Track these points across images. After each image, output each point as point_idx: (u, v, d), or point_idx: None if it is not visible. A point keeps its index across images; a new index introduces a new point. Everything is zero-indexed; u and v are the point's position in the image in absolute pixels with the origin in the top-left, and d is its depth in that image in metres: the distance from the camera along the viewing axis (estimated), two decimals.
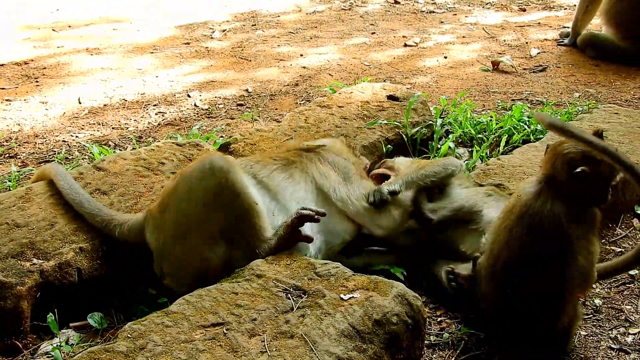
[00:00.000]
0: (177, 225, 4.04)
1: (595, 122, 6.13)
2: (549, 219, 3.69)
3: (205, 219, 4.02)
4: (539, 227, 3.71)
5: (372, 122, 6.03)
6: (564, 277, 3.69)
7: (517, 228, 3.77)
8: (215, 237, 4.03)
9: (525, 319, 3.80)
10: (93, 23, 11.15)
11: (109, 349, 3.29)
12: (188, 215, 4.03)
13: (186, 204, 4.03)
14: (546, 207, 3.72)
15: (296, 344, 3.34)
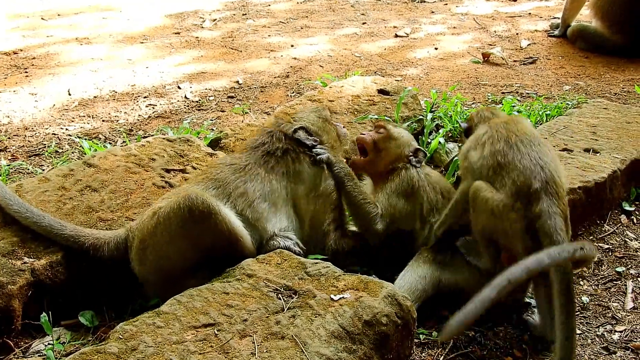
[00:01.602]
0: (159, 264, 4.08)
1: (584, 117, 6.17)
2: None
3: (188, 258, 4.08)
4: None
5: (363, 117, 6.05)
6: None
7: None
8: (199, 267, 4.09)
9: None
10: (82, 11, 11.10)
11: (101, 350, 3.31)
12: (169, 257, 4.06)
13: (167, 247, 4.03)
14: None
15: (287, 345, 3.36)
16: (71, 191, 4.63)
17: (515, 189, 4.04)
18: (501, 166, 4.16)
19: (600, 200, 5.20)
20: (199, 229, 4.00)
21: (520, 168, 4.09)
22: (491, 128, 4.40)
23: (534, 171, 4.07)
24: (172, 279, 4.05)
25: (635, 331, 4.26)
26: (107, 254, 4.19)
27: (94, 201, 4.56)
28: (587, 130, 5.89)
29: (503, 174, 4.13)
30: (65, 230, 4.18)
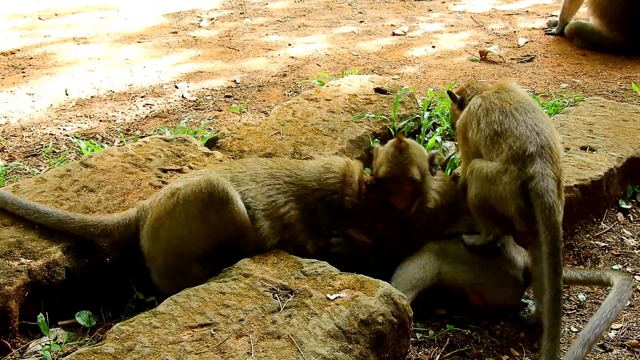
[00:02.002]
0: (171, 245, 4.09)
1: (581, 115, 6.18)
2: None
3: (201, 244, 4.10)
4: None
5: (360, 116, 6.05)
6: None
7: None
8: (207, 257, 4.12)
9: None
10: (80, 11, 11.09)
11: (97, 351, 3.33)
12: (183, 238, 4.07)
13: (182, 228, 4.06)
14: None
15: (283, 344, 3.38)
16: (68, 192, 4.63)
17: (510, 154, 4.12)
18: (498, 134, 4.23)
19: (597, 198, 5.21)
20: (216, 215, 4.04)
21: (516, 134, 4.17)
22: (484, 99, 4.44)
23: (529, 137, 4.15)
24: (179, 262, 4.09)
25: (632, 329, 4.27)
26: (118, 237, 4.25)
27: (91, 201, 4.56)
28: (583, 128, 5.90)
29: (500, 141, 4.20)
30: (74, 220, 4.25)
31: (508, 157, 4.11)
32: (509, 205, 4.11)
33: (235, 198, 4.07)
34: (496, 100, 4.39)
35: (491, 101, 4.40)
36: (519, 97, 4.42)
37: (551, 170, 4.07)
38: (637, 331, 4.25)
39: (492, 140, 4.25)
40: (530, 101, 4.43)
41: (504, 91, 4.46)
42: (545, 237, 3.90)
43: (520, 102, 4.35)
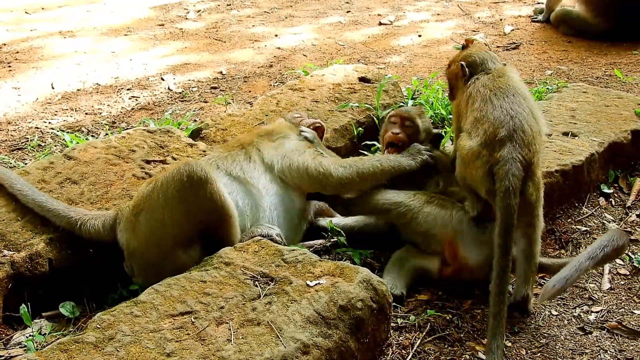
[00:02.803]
0: (151, 231, 4.10)
1: (564, 101, 6.21)
2: None
3: (181, 227, 4.11)
4: None
5: (344, 105, 6.07)
6: None
7: None
8: (190, 242, 4.13)
9: None
10: (66, 5, 11.07)
11: (78, 340, 3.35)
12: (164, 222, 4.08)
13: (162, 211, 4.07)
14: None
15: (262, 331, 3.40)
16: (51, 184, 4.65)
17: (484, 139, 4.24)
18: (477, 120, 4.35)
19: (578, 183, 5.24)
20: (195, 197, 4.05)
21: (491, 119, 4.28)
22: (474, 88, 4.52)
23: (503, 121, 4.25)
24: (162, 248, 4.10)
25: (611, 311, 4.31)
26: (94, 231, 4.27)
27: (74, 193, 4.59)
28: (566, 114, 5.93)
29: (478, 126, 4.32)
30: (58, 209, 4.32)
31: (482, 142, 4.24)
32: (480, 187, 4.26)
33: (214, 179, 4.09)
34: (481, 88, 4.46)
35: (477, 89, 4.48)
36: (503, 82, 4.46)
37: (519, 154, 4.14)
38: (616, 314, 4.29)
39: (472, 126, 4.36)
40: (513, 85, 4.47)
41: (495, 77, 4.52)
42: (499, 217, 4.06)
43: (501, 87, 4.41)
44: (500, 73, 4.57)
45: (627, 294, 4.48)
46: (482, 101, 4.38)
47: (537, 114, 4.44)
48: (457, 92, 4.79)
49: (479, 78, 4.56)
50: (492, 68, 4.64)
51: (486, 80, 4.50)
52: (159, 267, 4.08)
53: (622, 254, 4.47)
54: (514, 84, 4.50)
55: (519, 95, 4.41)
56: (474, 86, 4.53)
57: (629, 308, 4.35)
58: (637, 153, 5.77)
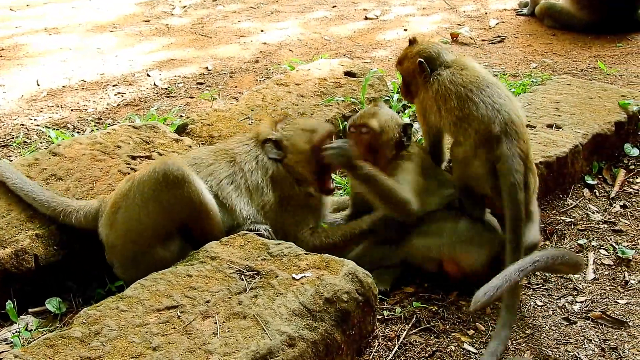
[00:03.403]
0: (128, 228, 4.10)
1: (548, 93, 6.24)
2: None
3: (158, 224, 4.10)
4: None
5: (329, 99, 6.09)
6: None
7: None
8: (169, 237, 4.13)
9: None
10: (51, 1, 11.03)
11: (65, 335, 3.36)
12: (140, 220, 4.07)
13: (138, 210, 4.06)
14: None
15: (248, 324, 3.42)
16: (36, 180, 4.64)
17: (478, 138, 4.27)
18: (461, 119, 4.34)
19: (563, 175, 5.28)
20: (171, 195, 4.04)
21: (478, 117, 4.28)
22: (440, 85, 4.46)
23: (491, 117, 4.27)
24: (139, 245, 4.08)
25: (596, 301, 4.35)
26: (75, 222, 4.27)
27: (60, 189, 4.58)
28: (550, 106, 5.96)
29: (465, 126, 4.32)
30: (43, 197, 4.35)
31: (476, 141, 4.27)
32: (484, 186, 4.32)
33: (191, 178, 4.07)
34: (450, 85, 4.42)
35: (446, 87, 4.43)
36: (471, 75, 4.45)
37: (517, 148, 4.23)
38: (600, 303, 4.32)
39: (455, 125, 4.37)
40: (482, 76, 4.48)
41: (458, 71, 4.49)
42: (508, 213, 4.13)
43: (472, 81, 4.41)
44: (461, 65, 4.54)
45: (611, 284, 4.52)
46: (458, 99, 4.35)
47: (515, 101, 4.49)
48: (417, 90, 4.68)
49: (440, 74, 4.50)
50: (449, 60, 4.60)
51: (451, 76, 4.46)
52: (137, 262, 4.09)
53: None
54: (482, 74, 4.50)
55: (493, 84, 4.45)
56: (439, 83, 4.46)
57: (613, 298, 4.39)
58: (621, 144, 5.82)
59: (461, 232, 4.38)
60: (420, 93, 4.64)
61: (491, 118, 4.25)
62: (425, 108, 4.61)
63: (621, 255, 4.73)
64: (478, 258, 4.37)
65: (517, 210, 4.13)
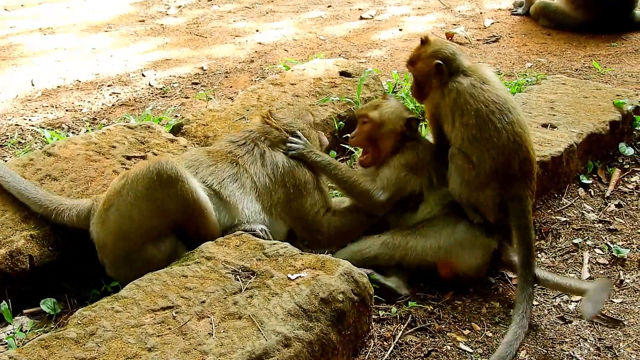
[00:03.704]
0: (119, 226, 4.06)
1: (543, 93, 6.24)
2: None
3: (151, 223, 4.07)
4: None
5: (324, 99, 6.09)
6: None
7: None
8: (161, 236, 4.10)
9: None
10: (46, 1, 11.01)
11: (59, 336, 3.35)
12: (132, 218, 4.04)
13: (130, 208, 4.03)
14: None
15: (244, 324, 3.41)
16: (31, 180, 4.62)
17: (493, 167, 4.24)
18: (478, 140, 4.27)
19: (558, 174, 5.28)
20: (165, 194, 4.01)
21: (499, 147, 4.23)
22: (459, 94, 4.35)
23: (512, 151, 4.24)
24: (131, 244, 4.06)
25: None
26: (68, 220, 4.26)
27: (54, 190, 4.57)
28: (545, 105, 5.96)
29: (482, 149, 4.26)
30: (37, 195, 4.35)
31: (492, 171, 4.25)
32: (489, 214, 4.36)
33: (185, 177, 4.05)
34: (471, 99, 4.32)
35: (466, 100, 4.33)
36: (494, 94, 4.35)
37: (529, 189, 4.30)
38: None
39: (470, 143, 4.30)
40: (505, 97, 4.39)
41: (479, 83, 4.39)
42: (519, 250, 4.23)
43: (495, 101, 4.31)
44: (482, 77, 4.44)
45: None
46: (478, 118, 4.27)
47: (528, 129, 4.44)
48: (430, 92, 4.56)
49: (460, 82, 4.38)
50: (467, 67, 4.52)
51: (472, 88, 4.35)
52: (129, 261, 4.07)
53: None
54: (504, 94, 4.42)
55: (515, 110, 4.38)
56: (457, 92, 4.35)
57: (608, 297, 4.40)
58: (615, 144, 5.83)
59: (458, 236, 4.38)
60: (435, 96, 4.52)
61: (511, 152, 4.24)
62: (438, 113, 4.52)
63: (616, 255, 4.73)
64: (473, 263, 4.38)
65: (528, 248, 4.19)
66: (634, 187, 5.49)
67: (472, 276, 4.41)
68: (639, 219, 5.12)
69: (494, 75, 4.61)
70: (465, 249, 4.37)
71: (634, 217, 5.14)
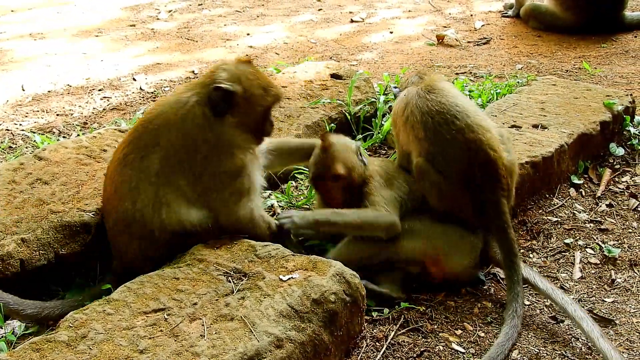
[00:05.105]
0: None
1: (533, 94, 6.26)
2: None
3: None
4: None
5: (316, 102, 6.09)
6: None
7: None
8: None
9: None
10: (36, 7, 10.99)
11: (51, 339, 3.34)
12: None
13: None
14: None
15: (236, 326, 3.41)
16: (22, 184, 4.62)
17: (459, 177, 4.29)
18: (434, 153, 4.33)
19: (549, 175, 5.30)
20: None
21: (459, 156, 4.28)
22: (407, 104, 4.47)
23: (469, 157, 4.26)
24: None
25: (583, 300, 4.36)
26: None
27: (45, 194, 4.55)
28: (536, 106, 5.98)
29: (440, 159, 4.32)
30: None
31: (459, 180, 4.30)
32: (470, 218, 4.41)
33: None
34: (415, 109, 4.42)
35: (412, 111, 4.44)
36: (438, 102, 4.40)
37: (502, 188, 4.33)
38: (587, 302, 4.34)
39: (430, 155, 4.36)
40: (452, 103, 4.39)
41: (424, 92, 4.46)
42: (501, 251, 4.29)
43: (441, 111, 4.35)
44: (428, 87, 4.49)
45: (597, 283, 4.54)
46: (427, 131, 4.34)
47: (480, 126, 4.39)
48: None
49: (409, 91, 4.56)
50: (416, 80, 4.68)
51: (416, 98, 4.45)
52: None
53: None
54: (451, 100, 4.44)
55: (462, 113, 4.38)
56: (406, 103, 4.51)
57: (599, 296, 4.41)
58: (606, 144, 5.85)
59: (447, 235, 4.40)
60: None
61: (470, 159, 4.27)
62: (394, 123, 4.71)
63: (607, 254, 4.75)
64: (461, 262, 4.39)
65: (510, 247, 4.23)
66: (624, 187, 5.51)
67: (461, 276, 4.42)
68: (629, 219, 5.14)
69: (443, 82, 4.62)
70: (454, 249, 4.39)
71: (625, 217, 5.16)
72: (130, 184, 4.00)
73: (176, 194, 3.97)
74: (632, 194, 5.40)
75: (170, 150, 3.98)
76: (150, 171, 3.97)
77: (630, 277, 4.57)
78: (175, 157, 3.98)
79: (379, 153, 5.92)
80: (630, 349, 3.94)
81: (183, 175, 3.98)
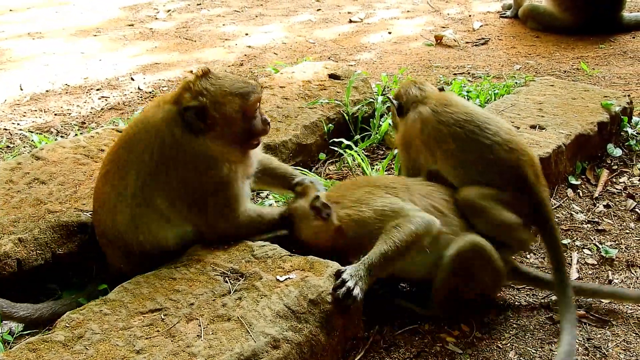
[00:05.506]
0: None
1: (531, 94, 6.26)
2: None
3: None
4: None
5: (313, 102, 6.09)
6: None
7: None
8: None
9: None
10: (35, 6, 11.00)
11: (47, 339, 3.35)
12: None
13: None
14: None
15: (232, 326, 3.41)
16: (19, 184, 4.62)
17: (506, 182, 4.21)
18: (472, 156, 4.24)
19: (546, 175, 5.23)
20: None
21: (505, 158, 4.22)
22: (425, 123, 4.37)
23: (519, 158, 4.25)
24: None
25: (579, 300, 4.36)
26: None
27: (42, 193, 4.55)
28: (533, 107, 5.98)
29: (479, 167, 4.23)
30: None
31: (505, 185, 4.21)
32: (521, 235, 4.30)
33: None
34: (439, 125, 4.33)
35: (435, 127, 4.34)
36: (462, 112, 4.36)
37: (545, 187, 4.35)
38: (584, 303, 4.34)
39: (461, 166, 4.28)
40: (474, 111, 4.39)
41: (442, 107, 4.40)
42: (550, 254, 4.22)
43: (468, 119, 4.30)
44: (441, 102, 4.44)
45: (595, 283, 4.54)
46: (458, 141, 4.26)
47: (509, 127, 4.41)
48: (395, 121, 4.79)
49: (415, 112, 4.47)
50: (416, 95, 4.58)
51: (435, 114, 4.36)
52: None
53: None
54: (470, 108, 4.43)
55: (490, 118, 4.37)
56: (416, 126, 4.42)
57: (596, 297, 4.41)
58: (604, 145, 5.85)
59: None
60: (397, 121, 4.74)
61: (517, 161, 4.24)
62: (409, 143, 4.55)
63: (605, 255, 4.75)
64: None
65: (559, 248, 4.19)
66: (622, 187, 5.51)
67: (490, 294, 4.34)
68: (627, 220, 5.14)
69: (452, 94, 4.63)
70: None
71: (622, 218, 5.16)
72: (109, 202, 4.00)
73: (154, 215, 3.94)
74: (629, 195, 5.41)
75: (145, 170, 3.92)
76: (128, 192, 3.94)
77: (627, 277, 4.57)
78: (152, 177, 3.91)
79: (377, 153, 5.93)
80: (627, 350, 3.94)
81: (162, 194, 3.93)
